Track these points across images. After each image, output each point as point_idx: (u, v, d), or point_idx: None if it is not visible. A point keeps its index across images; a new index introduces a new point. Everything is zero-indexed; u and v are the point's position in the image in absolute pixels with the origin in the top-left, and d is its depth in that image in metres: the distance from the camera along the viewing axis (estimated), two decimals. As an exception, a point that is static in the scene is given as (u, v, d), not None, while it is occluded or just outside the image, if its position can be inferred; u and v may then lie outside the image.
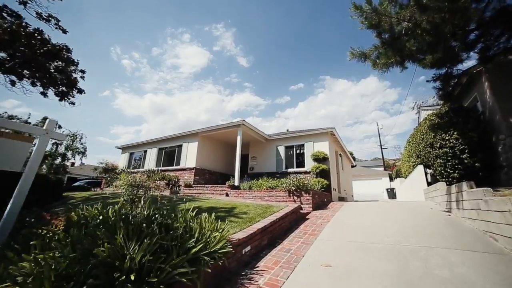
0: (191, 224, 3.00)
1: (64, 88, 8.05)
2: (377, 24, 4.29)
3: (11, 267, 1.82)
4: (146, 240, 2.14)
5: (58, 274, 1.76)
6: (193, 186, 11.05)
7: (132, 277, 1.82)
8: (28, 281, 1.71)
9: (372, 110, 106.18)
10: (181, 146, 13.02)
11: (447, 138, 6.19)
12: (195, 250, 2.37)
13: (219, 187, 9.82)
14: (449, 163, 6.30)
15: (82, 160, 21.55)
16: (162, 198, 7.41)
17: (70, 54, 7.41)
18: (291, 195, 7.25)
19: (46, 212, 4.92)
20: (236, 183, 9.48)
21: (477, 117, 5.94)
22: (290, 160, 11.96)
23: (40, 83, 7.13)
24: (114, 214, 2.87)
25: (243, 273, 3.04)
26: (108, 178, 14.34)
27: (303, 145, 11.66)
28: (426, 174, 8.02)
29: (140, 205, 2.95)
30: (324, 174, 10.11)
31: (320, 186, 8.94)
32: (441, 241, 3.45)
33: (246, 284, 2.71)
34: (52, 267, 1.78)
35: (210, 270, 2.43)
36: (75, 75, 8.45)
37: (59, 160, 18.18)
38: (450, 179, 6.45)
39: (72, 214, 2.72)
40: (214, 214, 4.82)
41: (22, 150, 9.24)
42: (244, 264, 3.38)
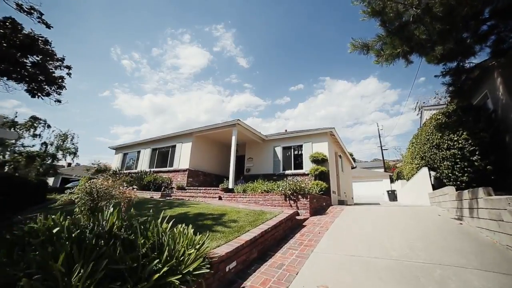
0: (163, 239, 2.52)
1: (46, 86, 7.55)
2: (381, 10, 3.83)
3: None
4: (90, 265, 1.67)
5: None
6: (186, 188, 10.56)
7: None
8: None
9: (372, 111, 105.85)
10: (174, 146, 12.54)
11: (455, 139, 5.73)
12: (157, 275, 1.90)
13: (213, 190, 9.34)
14: (457, 166, 5.84)
15: (73, 161, 21.01)
16: (149, 202, 6.95)
17: (49, 47, 6.90)
18: (288, 199, 6.77)
19: (21, 216, 4.45)
20: (230, 186, 8.99)
21: (488, 115, 5.49)
22: (287, 161, 11.48)
23: (15, 79, 6.61)
24: (72, 227, 2.40)
25: (224, 297, 2.56)
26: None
27: (301, 146, 11.19)
28: (431, 177, 7.55)
29: (105, 214, 2.47)
30: (323, 176, 9.63)
31: (319, 189, 8.46)
32: (457, 257, 2.97)
33: (226, 314, 2.23)
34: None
35: (179, 300, 1.95)
36: (59, 72, 7.97)
37: (50, 160, 17.66)
38: (458, 182, 5.98)
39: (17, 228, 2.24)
40: (200, 222, 4.36)
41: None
42: (227, 283, 2.91)
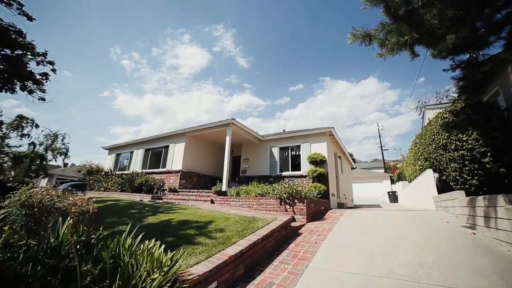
0: (124, 259, 2.06)
1: (28, 83, 7.08)
2: (385, -6, 3.39)
3: None
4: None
5: None
6: (178, 191, 10.10)
7: None
8: None
9: (371, 111, 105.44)
10: (167, 147, 12.07)
11: (464, 139, 5.28)
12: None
13: (205, 192, 8.88)
14: (466, 168, 5.39)
15: (64, 161, 20.42)
16: (134, 207, 6.49)
17: (24, 39, 6.41)
18: (283, 203, 6.31)
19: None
20: (223, 189, 8.53)
21: (501, 113, 5.04)
22: (285, 162, 11.02)
23: None
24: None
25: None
26: (91, 181, 13.39)
27: (299, 146, 10.73)
28: (436, 179, 7.11)
29: (49, 231, 2.01)
30: (321, 178, 9.17)
31: (317, 192, 8.00)
32: (477, 278, 2.52)
33: None
34: None
35: None
36: (42, 68, 7.50)
37: (38, 161, 17.12)
38: (467, 186, 5.54)
39: None
40: (182, 232, 3.89)
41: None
42: (205, 310, 2.45)
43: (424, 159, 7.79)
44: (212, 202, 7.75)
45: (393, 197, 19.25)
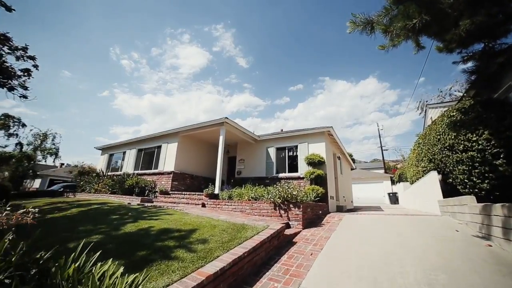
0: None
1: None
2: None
3: None
4: None
5: None
6: (169, 193, 9.65)
7: None
8: None
9: (371, 111, 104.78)
10: (160, 147, 11.61)
11: (474, 139, 4.86)
12: None
13: (197, 195, 8.43)
14: (475, 171, 4.97)
15: (54, 162, 19.89)
16: (118, 211, 6.05)
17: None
18: (277, 208, 5.87)
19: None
20: (216, 191, 8.09)
21: (514, 111, 4.61)
22: (281, 163, 10.57)
23: None
24: None
25: None
26: (82, 183, 12.93)
27: (296, 146, 10.28)
28: (441, 182, 6.67)
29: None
30: (319, 180, 8.73)
31: (315, 195, 7.56)
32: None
33: None
34: None
35: None
36: (22, 63, 7.05)
37: (26, 162, 16.57)
38: (477, 190, 5.10)
39: None
40: (159, 244, 3.44)
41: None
42: None
43: (428, 160, 7.36)
44: (203, 205, 7.30)
45: (393, 198, 18.83)
